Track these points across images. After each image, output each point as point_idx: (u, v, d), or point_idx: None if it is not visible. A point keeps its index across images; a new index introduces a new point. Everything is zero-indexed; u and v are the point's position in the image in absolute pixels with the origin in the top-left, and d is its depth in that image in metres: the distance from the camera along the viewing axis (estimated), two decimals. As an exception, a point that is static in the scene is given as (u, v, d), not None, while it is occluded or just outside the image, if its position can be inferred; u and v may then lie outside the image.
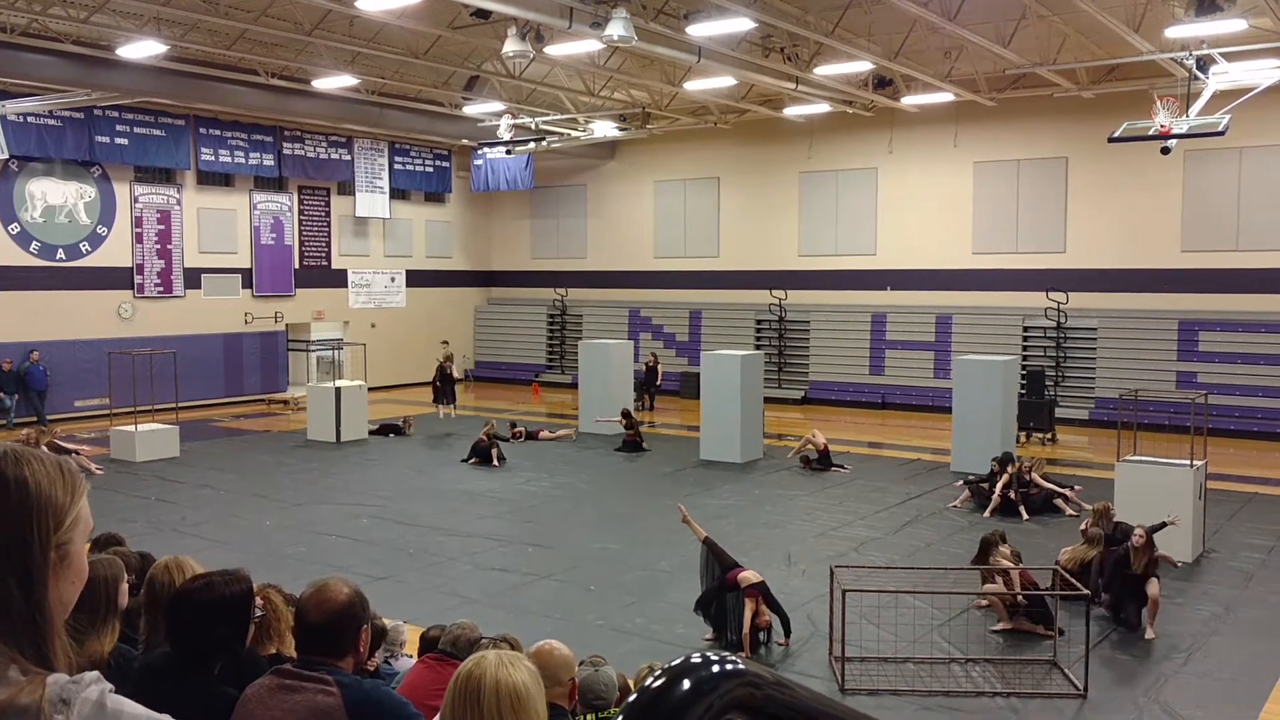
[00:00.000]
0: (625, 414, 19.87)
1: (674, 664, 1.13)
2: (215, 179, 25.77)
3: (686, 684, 1.10)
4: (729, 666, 1.14)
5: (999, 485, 14.42)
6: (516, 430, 20.33)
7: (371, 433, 20.99)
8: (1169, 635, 9.57)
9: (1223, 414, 19.62)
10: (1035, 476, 14.64)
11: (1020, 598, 9.54)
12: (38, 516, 1.34)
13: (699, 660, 1.14)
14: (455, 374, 23.34)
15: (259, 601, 3.66)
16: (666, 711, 1.07)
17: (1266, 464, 18.11)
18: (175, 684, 3.06)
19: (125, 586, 3.71)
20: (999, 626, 9.66)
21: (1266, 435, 20.41)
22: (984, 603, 10.06)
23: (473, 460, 18.18)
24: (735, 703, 1.12)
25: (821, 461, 17.51)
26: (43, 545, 1.34)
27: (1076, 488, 14.93)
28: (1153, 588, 9.61)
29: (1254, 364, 21.14)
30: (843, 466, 17.51)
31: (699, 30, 15.97)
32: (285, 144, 26.53)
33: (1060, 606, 9.39)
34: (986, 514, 14.12)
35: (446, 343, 26.93)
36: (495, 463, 17.98)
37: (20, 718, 1.23)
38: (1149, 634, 9.53)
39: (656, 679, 1.11)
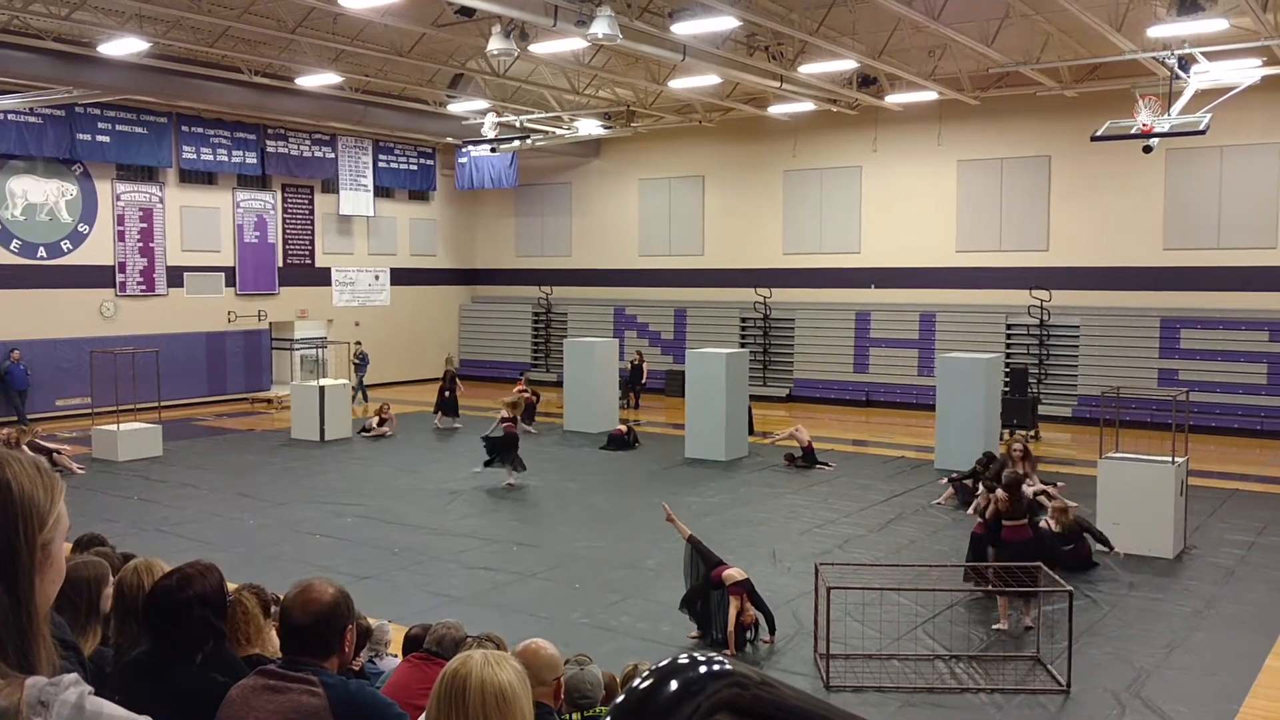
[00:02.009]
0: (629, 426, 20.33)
1: (661, 665, 1.13)
2: (198, 177, 25.63)
3: (674, 685, 1.10)
4: (716, 667, 1.14)
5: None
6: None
7: (361, 431, 20.91)
8: (1150, 631, 9.64)
9: (1204, 411, 19.76)
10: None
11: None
12: (22, 518, 1.34)
13: (686, 661, 1.14)
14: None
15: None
16: (654, 713, 1.07)
17: (1247, 460, 18.25)
18: (161, 678, 3.06)
19: (109, 590, 3.67)
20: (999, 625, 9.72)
21: (1247, 432, 20.56)
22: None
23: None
24: (723, 703, 1.12)
25: (806, 459, 17.55)
26: (29, 547, 1.34)
27: (1059, 484, 15.01)
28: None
29: (1234, 361, 21.30)
30: (827, 464, 17.56)
31: (684, 28, 15.97)
32: (268, 142, 26.40)
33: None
34: (970, 511, 14.16)
35: (359, 342, 26.62)
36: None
37: None
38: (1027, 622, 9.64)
39: (644, 680, 1.11)
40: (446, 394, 22.17)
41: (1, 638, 1.30)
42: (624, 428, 19.86)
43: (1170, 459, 12.27)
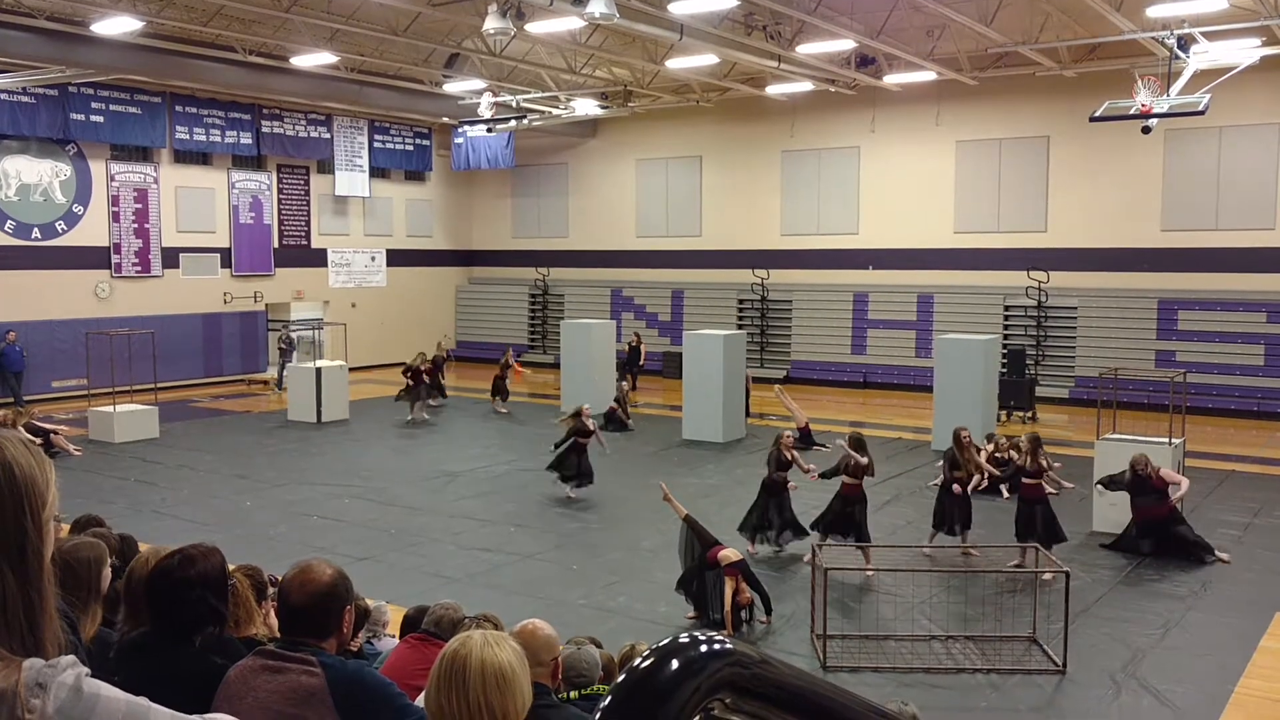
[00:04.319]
0: (617, 400, 20.02)
1: (662, 643, 1.12)
2: (193, 157, 25.53)
3: (675, 664, 1.09)
4: (717, 646, 1.13)
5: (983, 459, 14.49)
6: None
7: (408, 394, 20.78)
8: (1146, 611, 9.68)
9: (1201, 392, 19.78)
10: (1014, 455, 14.69)
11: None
12: (27, 498, 1.33)
13: (687, 640, 1.13)
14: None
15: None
16: (655, 692, 1.06)
17: (1243, 441, 18.28)
18: (160, 658, 3.06)
19: (108, 570, 3.66)
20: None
21: (1244, 413, 20.59)
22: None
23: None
24: (723, 682, 1.12)
25: (803, 441, 17.52)
26: (36, 525, 1.33)
27: (1056, 464, 15.01)
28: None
29: (1231, 342, 21.32)
30: (824, 446, 17.53)
31: (681, 7, 15.88)
32: (264, 122, 26.28)
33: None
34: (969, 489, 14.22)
35: (286, 324, 26.31)
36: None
37: None
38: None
39: (645, 659, 1.10)
40: (428, 378, 21.48)
41: (11, 620, 1.30)
42: (615, 404, 19.84)
43: (1167, 440, 12.30)
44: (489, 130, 26.55)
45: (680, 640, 1.13)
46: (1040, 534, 10.82)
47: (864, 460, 11.10)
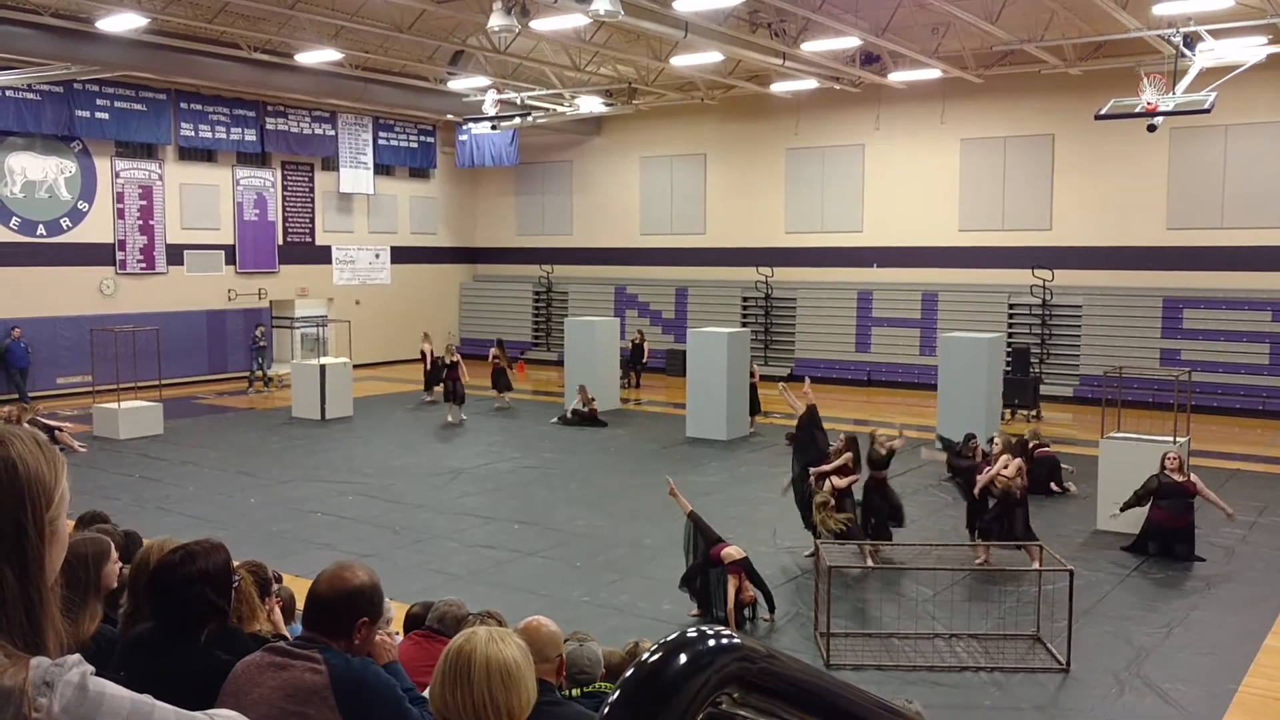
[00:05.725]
0: (580, 388, 19.98)
1: (670, 638, 1.12)
2: (197, 154, 25.56)
3: (683, 658, 1.09)
4: (725, 641, 1.13)
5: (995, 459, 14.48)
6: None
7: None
8: (1150, 610, 9.66)
9: (1206, 391, 19.74)
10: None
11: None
12: (29, 497, 1.33)
13: (695, 634, 1.13)
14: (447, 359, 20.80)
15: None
16: (664, 685, 1.06)
17: (1248, 440, 18.25)
18: (164, 654, 3.05)
19: (112, 567, 3.65)
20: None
21: (1249, 412, 20.54)
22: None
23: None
24: (731, 677, 1.11)
25: (807, 439, 17.53)
26: (37, 526, 1.33)
27: (1067, 468, 15.01)
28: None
29: (1237, 341, 21.27)
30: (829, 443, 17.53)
31: (686, 5, 15.87)
32: (268, 119, 26.30)
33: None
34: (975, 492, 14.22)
35: (261, 324, 26.12)
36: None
37: (3, 701, 1.22)
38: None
39: (653, 653, 1.10)
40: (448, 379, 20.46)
41: (10, 618, 1.29)
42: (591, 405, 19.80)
43: (1172, 439, 12.27)
44: (493, 128, 26.56)
45: (688, 635, 1.13)
46: (998, 533, 10.81)
47: (847, 452, 11.40)
